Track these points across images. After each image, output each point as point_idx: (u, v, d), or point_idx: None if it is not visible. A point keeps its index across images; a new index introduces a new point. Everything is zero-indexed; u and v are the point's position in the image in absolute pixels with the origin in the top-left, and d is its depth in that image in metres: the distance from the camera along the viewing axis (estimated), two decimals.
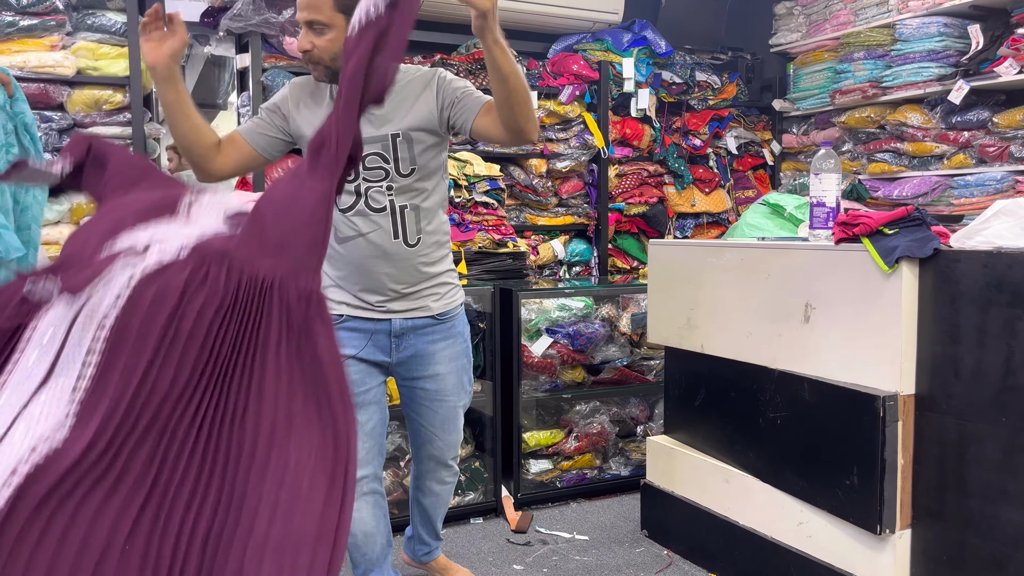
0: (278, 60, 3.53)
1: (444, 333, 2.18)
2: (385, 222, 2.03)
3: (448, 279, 2.20)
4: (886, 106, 4.14)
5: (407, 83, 2.04)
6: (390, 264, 2.06)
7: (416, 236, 2.07)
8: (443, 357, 2.19)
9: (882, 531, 2.10)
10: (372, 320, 2.11)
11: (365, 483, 2.19)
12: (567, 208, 4.30)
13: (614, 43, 4.28)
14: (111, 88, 3.30)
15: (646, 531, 3.02)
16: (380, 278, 2.08)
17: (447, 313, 2.18)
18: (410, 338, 2.14)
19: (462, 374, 2.26)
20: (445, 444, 2.30)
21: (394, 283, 2.09)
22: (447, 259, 2.20)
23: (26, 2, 3.13)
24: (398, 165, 2.01)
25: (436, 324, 2.16)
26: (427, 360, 2.17)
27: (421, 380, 2.21)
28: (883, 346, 2.11)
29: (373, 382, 2.17)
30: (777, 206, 3.49)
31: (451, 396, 2.24)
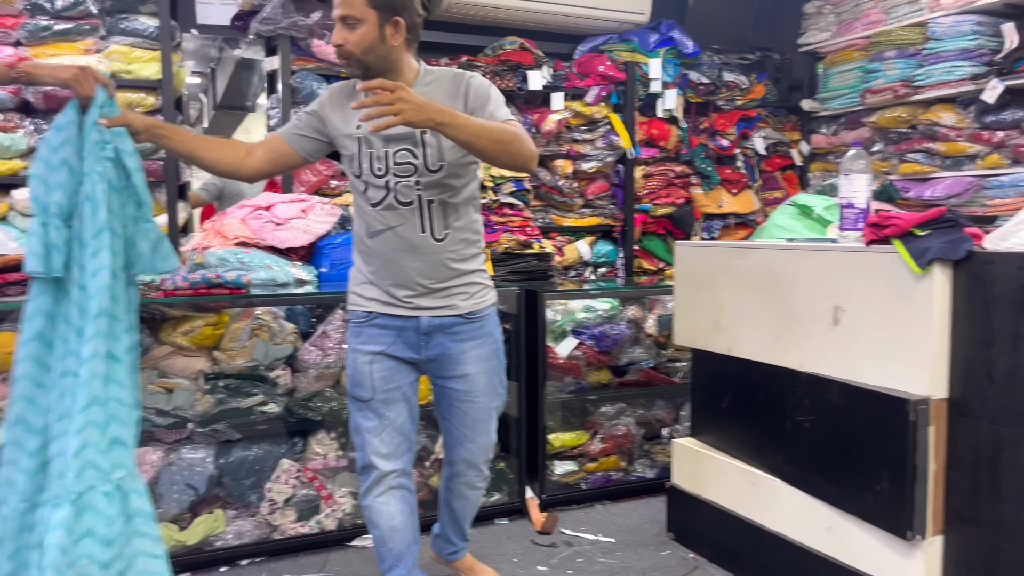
0: (306, 63, 3.56)
1: (473, 333, 2.19)
2: (412, 216, 2.07)
3: (478, 279, 2.21)
4: (918, 106, 4.08)
5: (436, 83, 2.08)
6: (417, 258, 2.09)
7: (444, 231, 2.10)
8: (472, 357, 2.20)
9: (913, 537, 2.07)
10: (401, 317, 2.14)
11: (393, 478, 2.20)
12: (593, 209, 4.29)
13: (641, 44, 4.27)
14: (143, 91, 3.35)
15: (672, 534, 3.00)
16: (408, 272, 2.10)
17: (476, 313, 2.19)
18: (438, 337, 2.16)
19: (493, 376, 2.26)
20: (477, 447, 2.31)
21: (421, 277, 2.11)
22: (478, 259, 2.22)
23: (60, 6, 3.18)
24: (426, 160, 2.04)
25: (465, 323, 2.18)
26: (455, 360, 2.19)
27: (451, 380, 2.22)
28: (914, 349, 2.08)
29: (403, 380, 2.19)
30: (805, 207, 3.46)
31: (481, 398, 2.24)
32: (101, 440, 1.80)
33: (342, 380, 2.94)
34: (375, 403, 2.15)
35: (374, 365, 2.15)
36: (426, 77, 2.09)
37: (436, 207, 2.08)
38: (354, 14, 1.94)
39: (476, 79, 2.09)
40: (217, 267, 2.87)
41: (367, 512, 2.24)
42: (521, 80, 3.95)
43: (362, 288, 2.18)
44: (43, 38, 3.18)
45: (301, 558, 2.82)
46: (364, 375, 2.15)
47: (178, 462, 2.70)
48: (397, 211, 2.07)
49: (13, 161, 3.23)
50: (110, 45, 3.31)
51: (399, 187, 2.05)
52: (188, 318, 2.70)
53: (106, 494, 1.80)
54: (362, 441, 2.19)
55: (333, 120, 2.13)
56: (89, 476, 1.77)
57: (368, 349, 2.16)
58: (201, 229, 3.26)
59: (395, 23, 1.98)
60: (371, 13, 1.94)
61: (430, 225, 2.08)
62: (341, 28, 1.97)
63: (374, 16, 1.94)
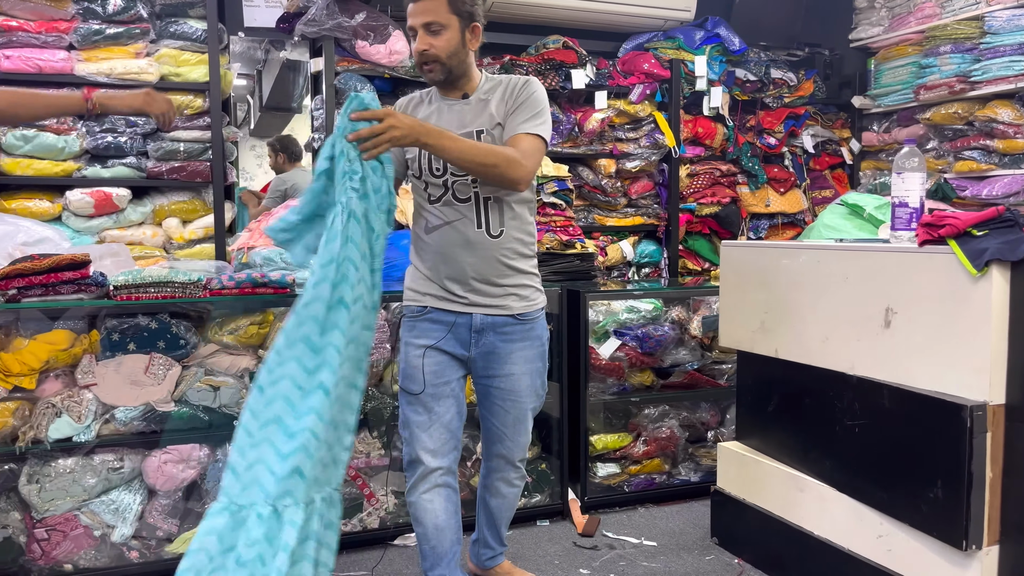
0: (350, 64, 3.59)
1: (522, 334, 2.24)
2: (469, 212, 2.15)
3: (531, 282, 2.27)
4: (974, 101, 3.96)
5: (492, 90, 2.18)
6: (472, 253, 2.16)
7: (499, 228, 2.17)
8: (519, 358, 2.25)
9: (968, 547, 2.00)
10: (454, 313, 2.20)
11: (438, 475, 2.22)
12: (636, 208, 4.25)
13: (686, 41, 4.21)
14: (192, 93, 3.41)
15: (716, 538, 2.96)
16: (463, 267, 2.17)
17: (527, 315, 2.25)
18: (489, 335, 2.21)
19: (536, 377, 2.31)
20: (514, 444, 2.35)
21: (476, 273, 2.17)
22: (531, 261, 2.28)
23: (112, 11, 3.26)
24: None
25: (516, 324, 2.23)
26: (503, 359, 2.23)
27: (496, 379, 2.27)
28: (971, 353, 2.02)
29: (452, 375, 2.24)
30: (856, 206, 3.38)
31: (523, 398, 2.29)
32: (327, 456, 1.83)
33: (384, 379, 2.96)
34: (425, 397, 2.20)
35: (425, 359, 2.20)
36: (486, 84, 2.20)
37: (492, 204, 2.15)
38: (439, 20, 2.04)
39: (528, 85, 2.17)
40: (262, 267, 2.90)
41: (412, 509, 2.27)
42: (564, 79, 3.93)
43: (418, 283, 2.24)
44: (95, 42, 3.26)
45: (344, 556, 2.84)
46: (415, 368, 2.20)
47: (224, 459, 2.73)
48: (454, 207, 2.15)
49: (67, 163, 3.32)
50: (160, 48, 3.38)
51: (456, 184, 2.13)
52: (234, 317, 2.73)
53: (324, 499, 1.83)
54: (410, 435, 2.23)
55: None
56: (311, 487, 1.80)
57: (420, 343, 2.21)
58: (247, 229, 3.30)
59: (473, 29, 2.11)
60: (454, 19, 2.05)
61: (486, 221, 2.15)
62: (424, 34, 2.06)
63: (456, 22, 2.06)
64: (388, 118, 1.87)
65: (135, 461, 2.64)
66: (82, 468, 2.56)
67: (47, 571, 2.53)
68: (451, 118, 2.16)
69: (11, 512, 2.51)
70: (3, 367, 2.44)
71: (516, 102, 2.13)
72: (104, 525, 2.59)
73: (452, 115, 2.17)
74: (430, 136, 1.94)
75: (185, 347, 2.68)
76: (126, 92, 2.28)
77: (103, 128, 3.31)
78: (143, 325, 2.62)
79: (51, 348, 2.51)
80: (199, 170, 3.45)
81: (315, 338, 1.80)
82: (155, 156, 3.38)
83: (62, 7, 3.22)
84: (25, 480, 2.51)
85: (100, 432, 2.58)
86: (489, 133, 2.14)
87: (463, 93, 2.18)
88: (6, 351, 2.48)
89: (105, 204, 3.30)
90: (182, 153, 3.41)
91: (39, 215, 3.24)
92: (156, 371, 2.62)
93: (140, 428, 2.62)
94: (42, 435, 2.48)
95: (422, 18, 2.05)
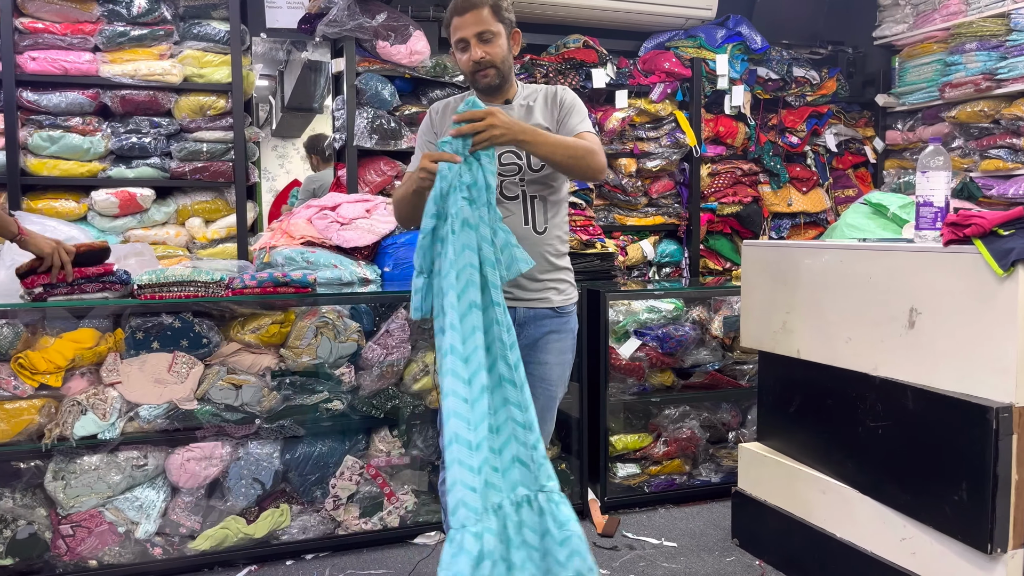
0: (371, 64, 3.61)
1: (559, 326, 2.30)
2: (517, 209, 2.21)
3: (568, 277, 2.34)
4: (1001, 99, 3.91)
5: (535, 96, 2.28)
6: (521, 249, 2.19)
7: (544, 225, 2.24)
8: (554, 348, 2.30)
9: (993, 550, 1.98)
10: None
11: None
12: (657, 208, 4.23)
13: (707, 39, 4.19)
14: (214, 94, 3.44)
15: (737, 540, 2.94)
16: None
17: (564, 308, 2.31)
18: (530, 327, 2.27)
19: (566, 368, 2.37)
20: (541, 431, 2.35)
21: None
22: (567, 257, 2.36)
23: (136, 13, 3.29)
24: (530, 161, 2.19)
25: (554, 317, 2.29)
26: (540, 348, 2.29)
27: (531, 366, 2.30)
28: (997, 354, 1.99)
29: None
30: (880, 206, 3.34)
31: (553, 386, 2.34)
32: (498, 460, 1.85)
33: (405, 378, 2.97)
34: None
35: None
36: (524, 91, 2.29)
37: (538, 202, 2.23)
38: (491, 29, 2.14)
39: (567, 94, 2.28)
40: (284, 266, 2.92)
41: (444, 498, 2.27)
42: (585, 78, 3.92)
43: None
44: (120, 44, 3.29)
45: (364, 554, 2.85)
46: None
47: (246, 457, 2.75)
48: (503, 204, 2.20)
49: (92, 163, 3.36)
50: (183, 50, 3.41)
51: (505, 183, 2.20)
52: (256, 316, 2.75)
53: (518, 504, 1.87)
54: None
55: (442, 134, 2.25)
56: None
57: None
58: (269, 229, 3.32)
59: (514, 35, 2.23)
60: (500, 27, 2.16)
61: (532, 218, 2.23)
62: (478, 43, 2.14)
63: (503, 29, 2.17)
64: (489, 117, 1.92)
65: (159, 458, 2.67)
66: (107, 465, 2.59)
67: (72, 567, 2.57)
68: None
69: (37, 508, 2.55)
70: (30, 365, 2.48)
71: (563, 109, 2.23)
72: (128, 522, 2.62)
73: None
74: (526, 134, 2.00)
75: (208, 346, 2.70)
76: (41, 237, 2.38)
77: (127, 129, 3.35)
78: (167, 324, 2.65)
79: (77, 346, 2.55)
80: (222, 170, 3.47)
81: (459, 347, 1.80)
82: (178, 156, 3.42)
83: (87, 9, 3.26)
84: (51, 477, 2.54)
85: (124, 430, 2.61)
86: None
87: (505, 99, 2.26)
88: (33, 349, 2.51)
89: (129, 204, 3.33)
90: (205, 153, 3.44)
91: (65, 215, 3.29)
92: (179, 369, 2.64)
93: (163, 426, 2.65)
94: (68, 432, 2.52)
95: (474, 28, 2.13)
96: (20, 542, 2.51)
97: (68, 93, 3.26)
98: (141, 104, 3.34)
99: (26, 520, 2.53)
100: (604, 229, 3.91)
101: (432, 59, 3.66)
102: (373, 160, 3.67)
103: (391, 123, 3.61)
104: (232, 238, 3.55)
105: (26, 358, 2.48)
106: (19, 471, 2.54)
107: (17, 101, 3.22)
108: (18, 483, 2.54)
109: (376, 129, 3.58)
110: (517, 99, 2.27)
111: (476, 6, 2.14)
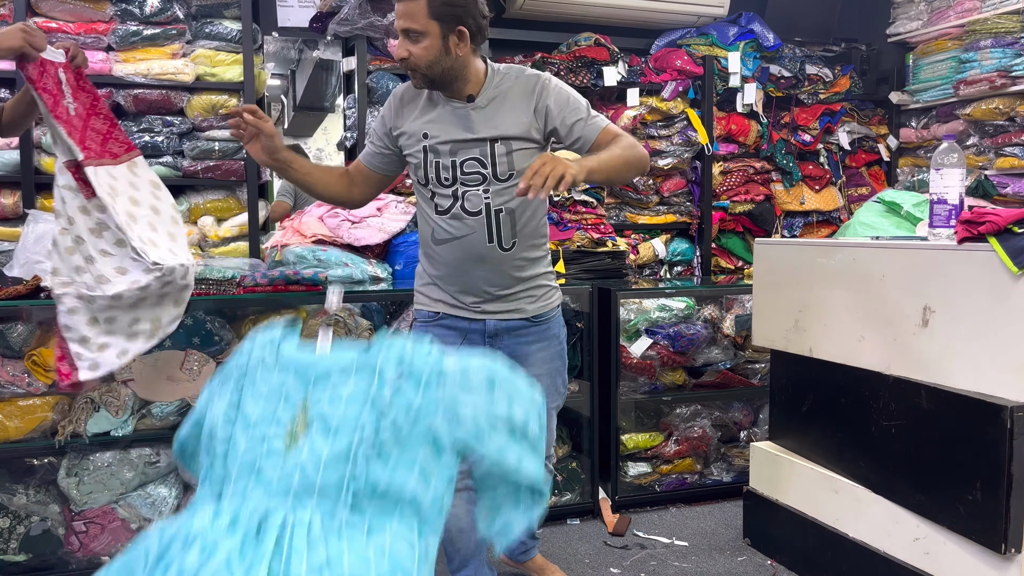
0: (382, 62, 3.61)
1: (539, 335, 2.20)
2: (480, 226, 2.05)
3: (544, 281, 2.20)
4: (1016, 97, 3.87)
5: (509, 86, 2.06)
6: (484, 267, 2.09)
7: (511, 240, 2.08)
8: (537, 359, 2.20)
9: (1007, 550, 1.96)
10: (467, 320, 2.15)
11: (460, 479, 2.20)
12: (669, 206, 4.22)
13: (719, 37, 4.17)
14: (227, 93, 3.45)
15: (748, 539, 2.93)
16: (475, 281, 2.11)
17: (542, 316, 2.19)
18: (504, 339, 2.16)
19: (556, 376, 2.26)
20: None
21: (488, 285, 2.11)
22: (544, 261, 2.21)
23: (149, 12, 3.30)
24: (495, 170, 2.03)
25: (531, 326, 2.18)
26: (521, 362, 2.15)
27: None
28: (1011, 353, 1.97)
29: None
30: (893, 204, 3.32)
31: (546, 398, 2.22)
32: None
33: None
34: None
35: None
36: (495, 78, 2.06)
37: (504, 216, 2.05)
38: (416, 27, 1.91)
39: (552, 83, 2.06)
40: (295, 264, 2.92)
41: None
42: (596, 76, 3.91)
43: (428, 289, 2.20)
44: (133, 43, 3.31)
45: None
46: None
47: None
48: (464, 220, 2.05)
49: None
50: (196, 49, 3.42)
51: (467, 195, 2.04)
52: (267, 314, 2.76)
53: None
54: None
55: (397, 122, 2.14)
56: None
57: None
58: (280, 227, 3.33)
59: (459, 33, 1.94)
60: (433, 25, 1.90)
61: (497, 235, 2.06)
62: (404, 40, 1.94)
63: (437, 28, 1.90)
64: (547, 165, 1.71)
65: (171, 455, 2.68)
66: (119, 462, 2.60)
67: (85, 563, 2.58)
68: (456, 123, 2.04)
69: (50, 505, 2.57)
70: (43, 362, 2.50)
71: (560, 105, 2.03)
72: (141, 518, 2.63)
73: (456, 120, 2.04)
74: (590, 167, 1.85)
75: (219, 343, 2.71)
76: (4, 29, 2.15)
77: (140, 128, 3.36)
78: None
79: None
80: (233, 169, 3.49)
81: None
82: (190, 155, 3.43)
83: (100, 9, 3.27)
84: (64, 473, 2.56)
85: (136, 427, 2.62)
86: (504, 143, 2.02)
87: (468, 95, 2.03)
88: (46, 346, 2.53)
89: None
90: (217, 152, 3.45)
91: None
92: (191, 367, 2.66)
93: (176, 423, 2.66)
94: (81, 429, 2.53)
95: (401, 23, 1.93)
96: (34, 538, 2.53)
97: None
98: (154, 103, 3.36)
99: (39, 516, 2.55)
100: (615, 227, 3.90)
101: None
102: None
103: None
104: (244, 236, 3.56)
105: (40, 355, 2.50)
106: (33, 468, 2.55)
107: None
108: (32, 480, 2.56)
109: None
110: (484, 93, 2.03)
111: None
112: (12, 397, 2.51)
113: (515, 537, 1.39)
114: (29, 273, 2.62)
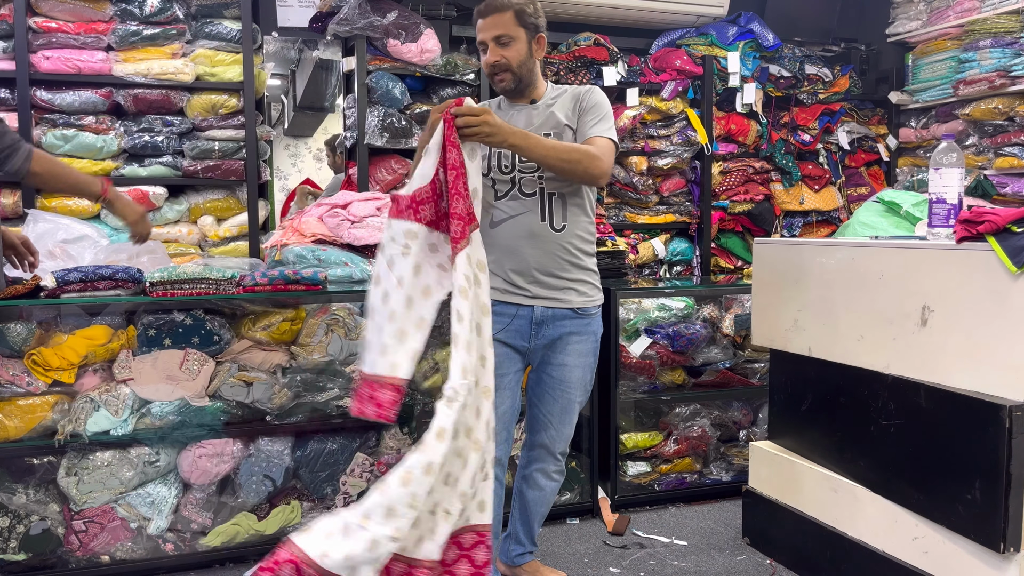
0: (382, 62, 3.61)
1: (579, 328, 2.32)
2: (534, 205, 2.25)
3: (591, 278, 2.36)
4: (1015, 97, 3.87)
5: (560, 98, 2.31)
6: (536, 245, 2.25)
7: (562, 222, 2.27)
8: (574, 351, 2.33)
9: (1006, 550, 1.96)
10: (516, 305, 2.29)
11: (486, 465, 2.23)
12: (668, 206, 4.22)
13: (719, 37, 4.18)
14: (226, 93, 3.46)
15: (747, 539, 2.93)
16: (526, 259, 2.26)
17: (586, 310, 2.33)
18: (549, 327, 2.29)
19: (587, 371, 2.38)
20: (558, 434, 2.42)
21: (538, 265, 2.26)
22: (591, 259, 2.37)
23: (149, 12, 3.31)
24: None
25: (574, 318, 2.31)
26: (559, 350, 2.32)
27: (550, 368, 2.35)
28: (1010, 352, 1.98)
29: (510, 368, 2.32)
30: (892, 203, 3.32)
31: (572, 389, 2.36)
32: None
33: (415, 375, 2.97)
34: None
35: None
36: (552, 92, 2.33)
37: (556, 199, 2.25)
38: (508, 33, 2.21)
39: (594, 94, 2.30)
40: (295, 264, 2.93)
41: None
42: (596, 76, 3.91)
43: None
44: (133, 43, 3.31)
45: None
46: None
47: (256, 453, 2.76)
48: (520, 200, 2.25)
49: (105, 162, 3.38)
50: (196, 49, 3.43)
51: (523, 180, 2.24)
52: (267, 313, 2.76)
53: None
54: None
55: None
56: None
57: None
58: (280, 227, 3.33)
59: (539, 40, 2.27)
60: (521, 31, 2.22)
61: (550, 214, 2.25)
62: (495, 46, 2.21)
63: (524, 34, 2.22)
64: (484, 115, 1.96)
65: (170, 455, 2.68)
66: (119, 461, 2.60)
67: (84, 562, 2.58)
68: (519, 121, 2.28)
69: (50, 504, 2.57)
70: (43, 362, 2.50)
71: (583, 107, 2.26)
72: (140, 517, 2.64)
73: (520, 118, 2.29)
74: (515, 137, 2.05)
75: (219, 343, 2.71)
76: (131, 201, 2.48)
77: (140, 127, 3.37)
78: (178, 321, 2.66)
79: (89, 343, 2.56)
80: (233, 169, 3.49)
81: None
82: (191, 155, 3.43)
83: (100, 8, 3.28)
84: (64, 472, 2.56)
85: (136, 426, 2.63)
86: (556, 135, 2.25)
87: (531, 100, 2.31)
88: (46, 346, 2.53)
89: (142, 202, 3.35)
90: (217, 152, 3.46)
91: (78, 213, 3.31)
92: (191, 366, 2.66)
93: (176, 422, 2.66)
94: (80, 428, 2.53)
95: (493, 31, 2.20)
96: (33, 537, 2.53)
97: (81, 92, 3.29)
98: (154, 103, 3.36)
99: (39, 516, 2.55)
100: (615, 227, 3.91)
101: (443, 57, 3.66)
102: (384, 158, 3.67)
103: (402, 121, 3.62)
104: (244, 236, 3.56)
105: (39, 355, 2.50)
106: (32, 467, 2.56)
107: (31, 100, 3.24)
108: (31, 479, 2.56)
109: (387, 127, 3.59)
110: (544, 100, 2.31)
111: (498, 10, 2.19)
112: (12, 397, 2.51)
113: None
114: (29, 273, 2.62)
